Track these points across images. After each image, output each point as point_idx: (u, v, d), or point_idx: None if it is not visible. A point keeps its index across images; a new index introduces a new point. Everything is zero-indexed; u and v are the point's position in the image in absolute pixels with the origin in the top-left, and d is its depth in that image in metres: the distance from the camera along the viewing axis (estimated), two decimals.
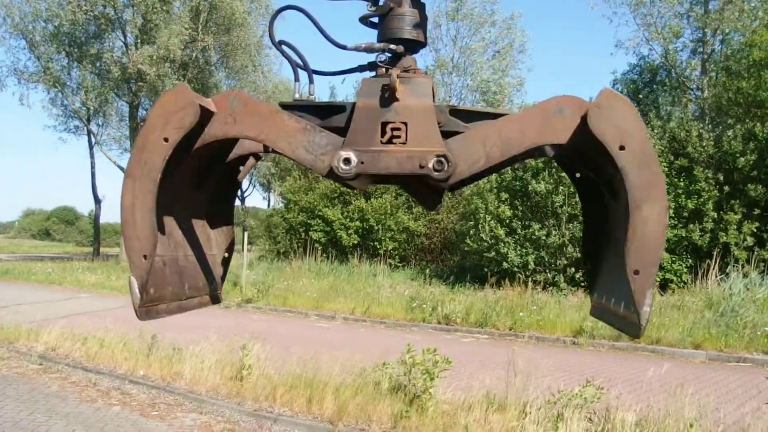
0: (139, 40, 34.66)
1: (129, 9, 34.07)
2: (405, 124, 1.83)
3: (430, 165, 1.76)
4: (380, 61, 2.00)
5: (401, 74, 1.92)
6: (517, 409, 7.90)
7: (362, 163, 1.82)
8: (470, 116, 1.89)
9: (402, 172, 1.82)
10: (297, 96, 2.09)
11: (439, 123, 1.85)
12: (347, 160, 1.83)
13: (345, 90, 61.62)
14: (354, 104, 1.90)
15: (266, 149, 2.09)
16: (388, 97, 1.84)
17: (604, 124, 1.69)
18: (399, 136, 1.83)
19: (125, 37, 35.31)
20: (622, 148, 1.68)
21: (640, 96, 32.98)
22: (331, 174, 1.85)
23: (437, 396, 8.40)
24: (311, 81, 2.11)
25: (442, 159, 1.75)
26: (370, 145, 1.84)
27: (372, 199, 29.47)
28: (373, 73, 2.00)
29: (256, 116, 1.88)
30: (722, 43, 29.62)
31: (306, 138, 1.87)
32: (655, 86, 33.70)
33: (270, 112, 1.90)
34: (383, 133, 1.84)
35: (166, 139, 1.82)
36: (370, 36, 2.07)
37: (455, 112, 1.90)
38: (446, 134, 1.86)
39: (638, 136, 1.69)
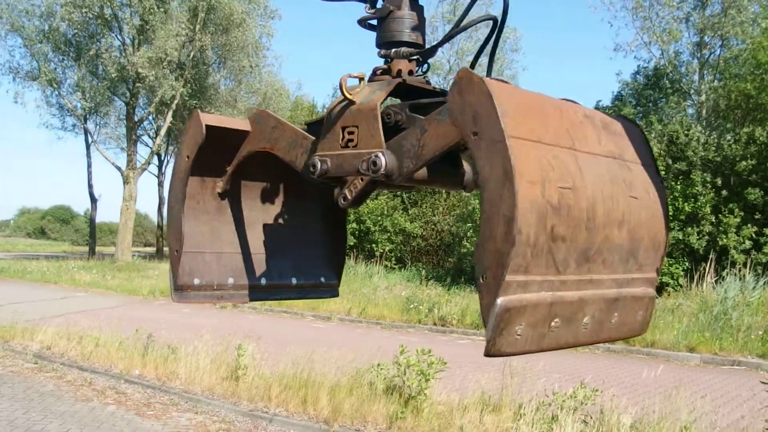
0: (136, 41, 34.61)
1: (126, 9, 34.02)
2: (357, 127, 1.84)
3: (364, 167, 1.78)
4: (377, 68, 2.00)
5: (374, 77, 1.94)
6: (512, 411, 7.92)
7: (327, 166, 1.86)
8: (431, 110, 1.85)
9: (355, 175, 1.84)
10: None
11: (398, 122, 1.86)
12: (313, 165, 1.87)
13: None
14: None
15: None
16: (344, 101, 1.86)
17: None
18: (352, 140, 1.85)
19: (122, 36, 35.26)
20: None
21: (641, 99, 33.05)
22: (305, 175, 1.90)
23: (432, 397, 8.40)
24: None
25: (375, 160, 1.76)
26: (333, 149, 1.86)
27: (368, 201, 29.48)
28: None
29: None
30: (721, 47, 29.72)
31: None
32: (656, 90, 33.77)
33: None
34: (342, 137, 1.86)
35: None
36: (370, 37, 2.08)
37: (415, 108, 1.89)
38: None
39: None
